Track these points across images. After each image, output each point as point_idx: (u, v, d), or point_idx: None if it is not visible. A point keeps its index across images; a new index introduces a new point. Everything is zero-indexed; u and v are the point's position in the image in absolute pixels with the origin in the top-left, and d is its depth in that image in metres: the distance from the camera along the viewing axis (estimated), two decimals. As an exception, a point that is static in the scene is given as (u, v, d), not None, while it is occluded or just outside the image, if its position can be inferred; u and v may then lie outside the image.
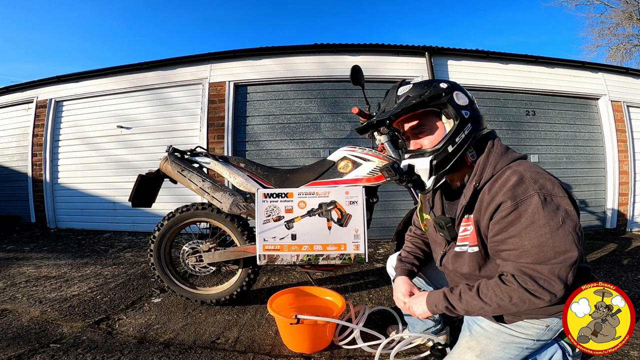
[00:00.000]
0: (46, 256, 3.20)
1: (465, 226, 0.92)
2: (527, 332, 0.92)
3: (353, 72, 1.69)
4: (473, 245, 0.90)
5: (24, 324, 1.69)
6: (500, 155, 0.87)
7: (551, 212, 0.75)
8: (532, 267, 0.76)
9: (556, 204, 0.77)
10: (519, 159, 0.87)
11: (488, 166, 0.87)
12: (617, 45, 11.53)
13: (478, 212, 0.86)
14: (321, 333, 1.39)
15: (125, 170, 4.58)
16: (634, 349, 1.36)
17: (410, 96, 0.91)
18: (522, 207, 0.77)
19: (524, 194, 0.77)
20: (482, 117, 0.94)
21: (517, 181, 0.79)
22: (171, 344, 1.49)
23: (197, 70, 4.49)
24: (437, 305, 0.91)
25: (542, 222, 0.75)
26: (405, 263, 1.18)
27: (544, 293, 0.75)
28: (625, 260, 2.91)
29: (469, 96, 0.93)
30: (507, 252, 0.81)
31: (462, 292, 0.87)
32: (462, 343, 1.02)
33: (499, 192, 0.80)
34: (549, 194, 0.77)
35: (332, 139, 4.32)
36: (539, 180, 0.78)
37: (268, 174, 1.78)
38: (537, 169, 0.82)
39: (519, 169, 0.82)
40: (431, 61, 4.34)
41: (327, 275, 2.48)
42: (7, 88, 5.21)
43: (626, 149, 4.70)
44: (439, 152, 0.89)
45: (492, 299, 0.81)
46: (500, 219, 0.80)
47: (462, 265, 0.95)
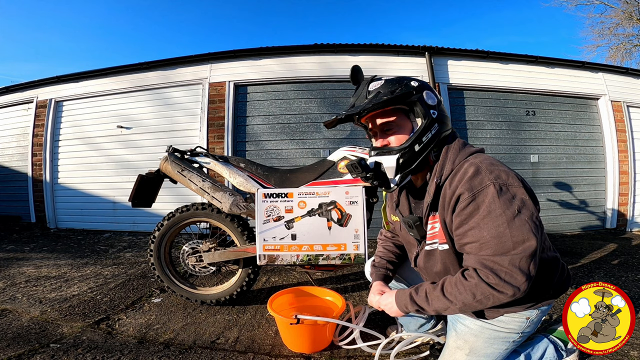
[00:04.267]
0: (46, 256, 3.20)
1: (433, 224, 0.93)
2: (509, 327, 0.93)
3: (353, 72, 1.68)
4: (442, 242, 0.90)
5: (24, 324, 1.69)
6: (458, 151, 0.89)
7: (507, 202, 0.76)
8: (492, 259, 0.76)
9: (512, 193, 0.77)
10: (476, 152, 0.89)
11: (447, 162, 0.88)
12: (617, 45, 11.55)
13: (442, 208, 0.87)
14: (321, 333, 1.39)
15: (126, 170, 4.58)
16: (634, 349, 1.36)
17: (381, 92, 0.91)
18: (480, 197, 0.78)
19: (480, 184, 0.78)
20: (448, 117, 0.96)
21: (473, 173, 0.80)
22: (171, 344, 1.49)
23: (197, 70, 4.49)
24: (407, 306, 0.90)
25: (499, 211, 0.75)
26: (379, 268, 1.19)
27: (506, 287, 0.74)
28: (626, 260, 2.91)
29: (437, 96, 0.94)
30: (469, 245, 0.81)
31: (427, 292, 0.86)
32: (450, 343, 1.03)
33: (458, 185, 0.81)
34: (504, 183, 0.78)
35: (332, 139, 4.32)
36: (494, 171, 0.79)
37: (268, 174, 1.78)
38: (493, 161, 0.84)
39: (475, 161, 0.83)
40: (431, 61, 4.34)
41: (327, 275, 2.48)
42: (7, 88, 5.21)
43: (626, 149, 4.70)
44: (406, 151, 0.90)
45: (456, 297, 0.80)
46: (459, 211, 0.81)
47: (435, 263, 0.95)
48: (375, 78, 0.97)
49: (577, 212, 4.62)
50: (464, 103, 4.55)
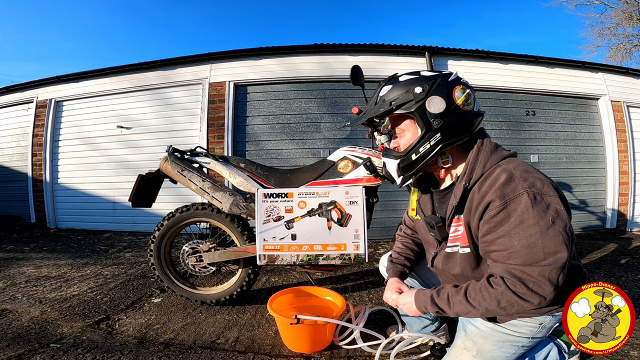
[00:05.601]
0: (46, 256, 3.20)
1: (456, 227, 0.91)
2: (521, 331, 0.91)
3: (353, 72, 1.69)
4: (464, 246, 0.88)
5: (24, 324, 1.69)
6: (490, 154, 0.86)
7: (541, 212, 0.73)
8: (521, 269, 0.74)
9: (546, 203, 0.75)
10: (509, 156, 0.86)
11: (478, 165, 0.85)
12: (617, 45, 11.55)
13: (468, 212, 0.85)
14: (321, 333, 1.39)
15: (126, 170, 4.58)
16: (634, 349, 1.36)
17: (385, 100, 0.91)
18: (512, 206, 0.75)
19: (513, 192, 0.75)
20: (464, 123, 0.88)
21: (506, 179, 0.77)
22: (171, 344, 1.49)
23: (197, 70, 4.49)
24: (427, 307, 0.90)
25: (532, 221, 0.73)
26: (396, 264, 1.18)
27: (533, 296, 0.74)
28: (625, 260, 2.91)
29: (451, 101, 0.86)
30: (496, 252, 0.79)
31: (450, 295, 0.85)
32: (458, 344, 1.02)
33: (489, 191, 0.79)
34: (539, 192, 0.75)
35: (332, 139, 4.32)
36: (529, 179, 0.76)
37: (268, 174, 1.78)
38: (527, 167, 0.80)
39: (508, 167, 0.80)
40: (431, 61, 4.34)
41: (327, 275, 2.48)
42: (7, 88, 5.21)
43: (626, 149, 4.70)
44: (404, 158, 0.92)
45: (480, 303, 0.80)
46: (489, 218, 0.78)
47: (454, 266, 0.94)
48: (393, 78, 0.94)
49: (577, 212, 4.62)
50: (464, 103, 4.54)
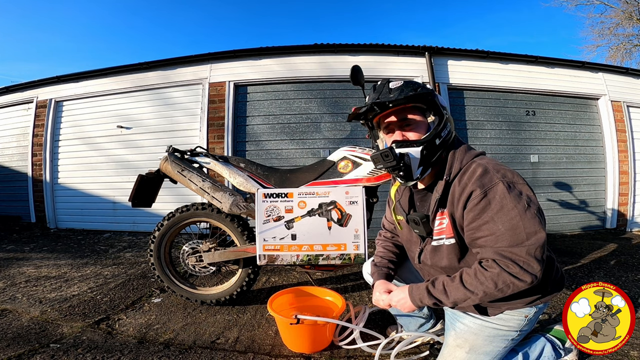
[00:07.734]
0: (46, 256, 3.20)
1: (441, 219, 0.98)
2: (509, 324, 0.97)
3: (353, 72, 1.68)
4: (449, 237, 0.96)
5: (24, 324, 1.69)
6: (465, 152, 0.97)
7: (516, 197, 0.83)
8: (510, 249, 0.81)
9: (519, 190, 0.85)
10: (480, 154, 0.98)
11: (456, 161, 0.95)
12: (617, 45, 11.54)
13: (451, 204, 0.93)
14: (321, 333, 1.39)
15: (126, 170, 4.58)
16: (634, 349, 1.36)
17: (404, 90, 0.95)
18: (490, 193, 0.85)
19: (490, 182, 0.86)
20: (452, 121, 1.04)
21: (482, 172, 0.88)
22: (171, 344, 1.49)
23: (197, 70, 4.49)
24: (422, 300, 0.93)
25: (510, 205, 0.82)
26: (380, 267, 1.21)
27: (525, 275, 0.80)
28: (625, 260, 2.91)
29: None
30: (483, 238, 0.86)
31: (445, 284, 0.90)
32: (450, 342, 1.06)
33: (468, 182, 0.89)
34: (511, 181, 0.86)
35: (332, 139, 4.32)
36: (500, 171, 0.88)
37: (268, 174, 1.78)
38: (497, 162, 0.92)
39: (482, 162, 0.91)
40: (431, 61, 4.34)
41: (327, 275, 2.48)
42: (7, 88, 5.21)
43: (626, 149, 4.70)
44: (428, 144, 0.94)
45: (477, 287, 0.84)
46: (472, 206, 0.87)
47: (441, 258, 0.99)
48: (391, 81, 1.02)
49: (577, 212, 4.62)
50: (464, 103, 4.54)
